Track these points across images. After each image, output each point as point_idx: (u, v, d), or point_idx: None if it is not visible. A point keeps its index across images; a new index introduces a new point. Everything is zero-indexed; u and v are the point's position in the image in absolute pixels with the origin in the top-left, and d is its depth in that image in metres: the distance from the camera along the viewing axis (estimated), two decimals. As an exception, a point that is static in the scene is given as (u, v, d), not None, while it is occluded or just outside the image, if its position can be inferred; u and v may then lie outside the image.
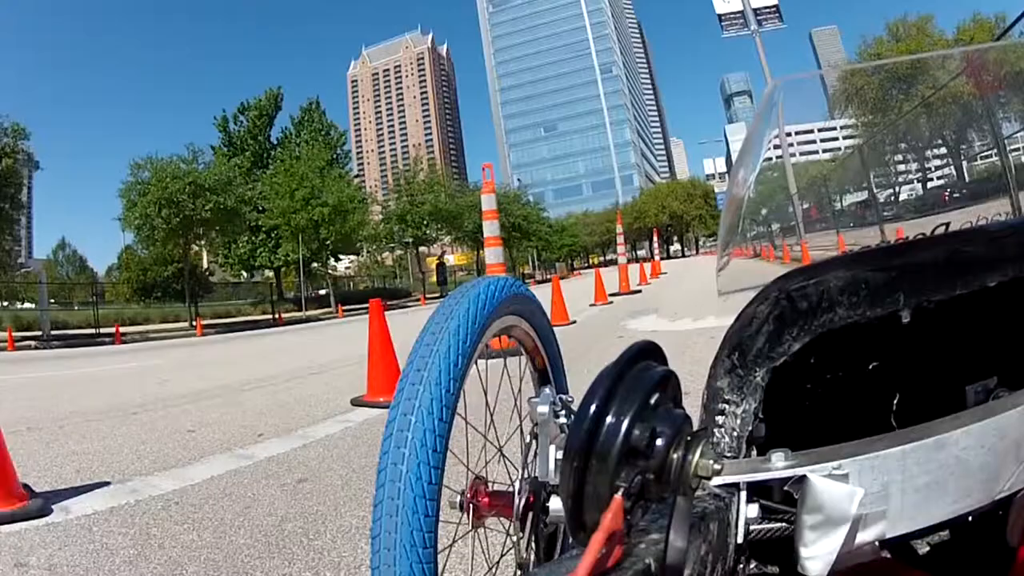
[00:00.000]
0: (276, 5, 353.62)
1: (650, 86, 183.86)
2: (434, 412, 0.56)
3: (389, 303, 28.93)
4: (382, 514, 0.55)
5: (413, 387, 0.58)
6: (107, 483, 2.52)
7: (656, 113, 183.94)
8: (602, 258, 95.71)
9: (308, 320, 22.63)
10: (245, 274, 35.14)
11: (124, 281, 32.03)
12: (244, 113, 35.45)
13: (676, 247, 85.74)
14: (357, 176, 39.67)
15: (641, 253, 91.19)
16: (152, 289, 28.72)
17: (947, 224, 0.57)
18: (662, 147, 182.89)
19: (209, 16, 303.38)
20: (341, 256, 36.43)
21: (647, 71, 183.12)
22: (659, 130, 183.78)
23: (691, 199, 76.02)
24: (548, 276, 45.05)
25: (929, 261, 0.52)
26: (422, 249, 46.60)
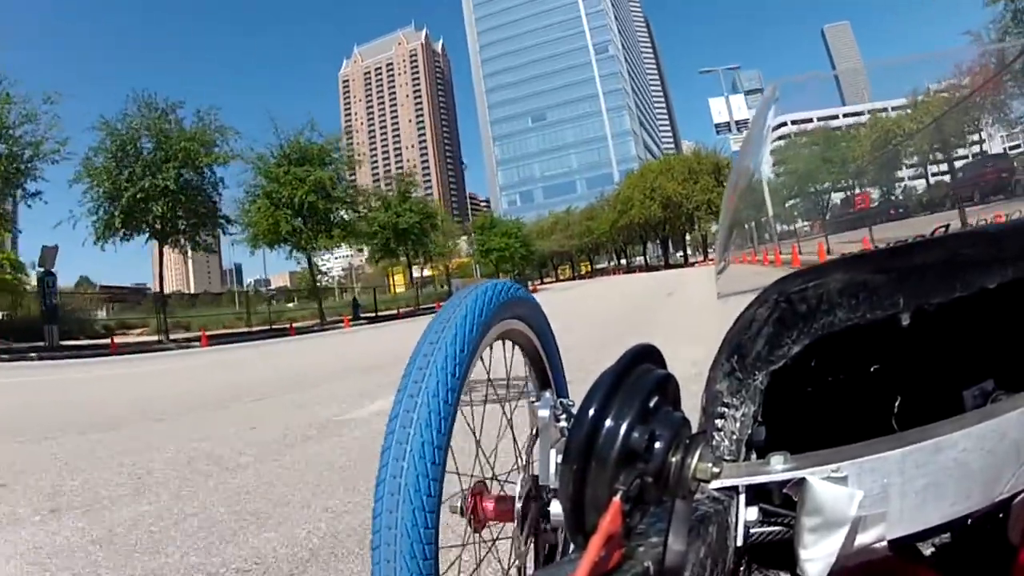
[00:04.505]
0: (267, 7, 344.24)
1: (656, 72, 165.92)
2: (432, 424, 0.58)
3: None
4: (381, 526, 0.57)
5: (411, 399, 0.60)
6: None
7: (663, 102, 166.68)
8: (590, 267, 76.08)
9: None
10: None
11: None
12: None
13: (680, 253, 65.74)
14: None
15: (637, 261, 71.48)
16: None
17: (947, 226, 0.57)
18: (670, 139, 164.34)
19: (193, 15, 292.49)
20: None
21: (652, 55, 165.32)
22: (667, 122, 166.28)
23: (694, 178, 54.91)
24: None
25: (929, 263, 0.53)
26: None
